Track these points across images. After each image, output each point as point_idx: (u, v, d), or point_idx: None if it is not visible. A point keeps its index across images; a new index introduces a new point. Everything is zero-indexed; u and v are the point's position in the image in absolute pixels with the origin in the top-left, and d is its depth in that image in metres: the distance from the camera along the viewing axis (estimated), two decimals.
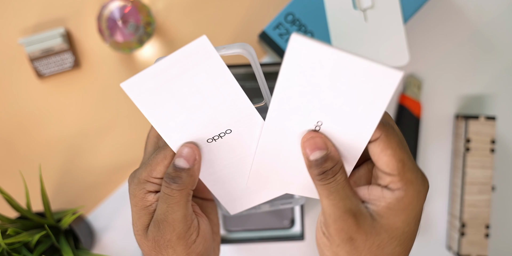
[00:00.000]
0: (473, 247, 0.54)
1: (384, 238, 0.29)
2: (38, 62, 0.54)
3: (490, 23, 0.57)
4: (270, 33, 0.48)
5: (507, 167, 0.57)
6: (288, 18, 0.47)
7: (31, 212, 0.47)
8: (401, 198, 0.29)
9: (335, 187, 0.29)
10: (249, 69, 0.50)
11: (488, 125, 0.54)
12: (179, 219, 0.31)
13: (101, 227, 0.56)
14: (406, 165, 0.29)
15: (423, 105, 0.57)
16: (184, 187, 0.30)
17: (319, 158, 0.29)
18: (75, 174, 0.56)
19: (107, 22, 0.50)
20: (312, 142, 0.29)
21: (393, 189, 0.29)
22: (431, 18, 0.56)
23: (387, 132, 0.29)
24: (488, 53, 0.57)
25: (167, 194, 0.30)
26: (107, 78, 0.56)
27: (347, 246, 0.29)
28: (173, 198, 0.30)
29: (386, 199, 0.29)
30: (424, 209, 0.57)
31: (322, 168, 0.29)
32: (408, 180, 0.29)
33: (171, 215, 0.31)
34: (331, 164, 0.29)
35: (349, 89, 0.28)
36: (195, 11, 0.55)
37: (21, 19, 0.55)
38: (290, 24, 0.47)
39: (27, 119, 0.55)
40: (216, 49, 0.29)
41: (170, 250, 0.31)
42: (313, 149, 0.29)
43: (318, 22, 0.47)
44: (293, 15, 0.47)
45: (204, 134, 0.31)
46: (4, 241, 0.41)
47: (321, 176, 0.29)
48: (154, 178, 0.32)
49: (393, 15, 0.47)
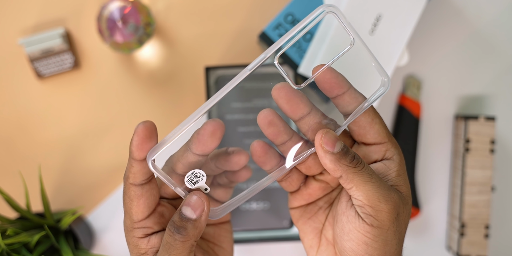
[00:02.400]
0: (472, 247, 0.54)
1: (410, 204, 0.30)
2: (38, 63, 0.54)
3: (490, 23, 0.57)
4: (270, 33, 0.48)
5: (506, 167, 0.57)
6: (288, 19, 0.47)
7: (31, 213, 0.47)
8: (400, 161, 0.30)
9: (369, 169, 0.29)
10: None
11: (488, 126, 0.54)
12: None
13: (101, 228, 0.56)
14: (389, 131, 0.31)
15: (423, 105, 0.57)
16: (188, 239, 0.28)
17: (342, 147, 0.29)
18: (75, 174, 0.56)
19: (107, 23, 0.50)
20: (327, 137, 0.29)
21: (390, 157, 0.30)
22: (431, 19, 0.56)
23: (372, 107, 0.31)
24: (488, 53, 0.57)
25: (170, 243, 0.29)
26: (107, 78, 0.56)
27: (394, 225, 0.29)
28: (175, 248, 0.28)
29: (393, 169, 0.30)
30: (423, 210, 0.57)
31: (351, 153, 0.29)
32: (395, 143, 0.31)
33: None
34: (351, 150, 0.30)
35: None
36: (195, 11, 0.55)
37: (21, 20, 0.55)
38: (290, 25, 0.47)
39: (27, 120, 0.55)
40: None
41: None
42: (333, 142, 0.29)
43: (318, 22, 0.47)
44: (292, 15, 0.47)
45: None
46: (3, 242, 0.41)
47: (354, 162, 0.29)
48: (138, 222, 0.30)
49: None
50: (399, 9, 0.46)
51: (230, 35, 0.55)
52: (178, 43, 0.55)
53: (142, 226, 0.30)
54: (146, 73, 0.56)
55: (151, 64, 0.56)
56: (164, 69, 0.56)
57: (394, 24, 0.46)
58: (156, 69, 0.56)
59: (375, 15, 0.45)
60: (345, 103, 0.30)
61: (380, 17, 0.45)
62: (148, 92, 0.56)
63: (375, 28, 0.46)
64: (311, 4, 0.47)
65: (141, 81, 0.56)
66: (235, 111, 0.50)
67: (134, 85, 0.56)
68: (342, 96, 0.30)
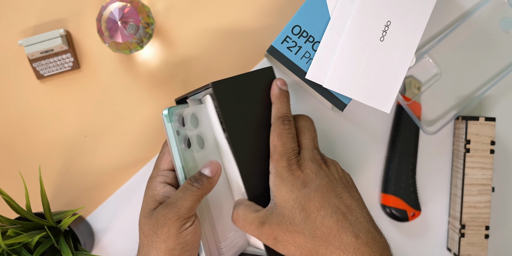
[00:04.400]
0: (473, 248, 0.54)
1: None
2: (37, 63, 0.54)
3: (490, 23, 0.57)
4: (278, 47, 0.47)
5: (506, 168, 0.57)
6: (295, 31, 0.47)
7: (31, 213, 0.47)
8: (275, 173, 0.41)
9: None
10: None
11: (488, 126, 0.54)
12: (186, 206, 0.37)
13: (101, 228, 0.56)
14: (276, 149, 0.41)
15: (423, 106, 0.57)
16: (202, 188, 0.38)
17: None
18: (75, 175, 0.56)
19: (107, 23, 0.50)
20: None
21: (271, 171, 0.42)
22: (431, 19, 0.56)
23: (274, 124, 0.42)
24: (488, 53, 0.57)
25: (187, 187, 0.38)
26: (107, 79, 0.55)
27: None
28: (190, 191, 0.38)
29: (271, 176, 0.41)
30: (424, 210, 0.57)
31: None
32: (275, 160, 0.41)
33: (182, 201, 0.37)
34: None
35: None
36: (195, 11, 0.55)
37: (21, 20, 0.55)
38: (297, 36, 0.47)
39: (26, 120, 0.55)
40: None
41: (166, 228, 0.37)
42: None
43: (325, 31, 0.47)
44: (299, 26, 0.47)
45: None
46: (4, 242, 0.41)
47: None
48: (163, 171, 0.42)
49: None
50: (408, 15, 0.46)
51: (229, 35, 0.55)
52: (178, 43, 0.55)
53: (164, 174, 0.41)
54: (146, 73, 0.56)
55: (151, 64, 0.56)
56: (164, 69, 0.56)
57: (404, 30, 0.46)
58: (156, 69, 0.56)
59: (385, 21, 0.46)
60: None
61: (389, 23, 0.46)
62: (148, 92, 0.56)
63: (385, 34, 0.46)
64: (316, 14, 0.46)
65: (141, 81, 0.56)
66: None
67: (134, 85, 0.56)
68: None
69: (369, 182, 0.57)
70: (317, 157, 0.42)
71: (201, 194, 0.38)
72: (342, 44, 0.46)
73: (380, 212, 0.57)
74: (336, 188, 0.40)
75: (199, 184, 0.38)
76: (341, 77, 0.46)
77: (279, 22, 0.56)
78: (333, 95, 0.47)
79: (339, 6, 0.46)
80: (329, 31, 0.46)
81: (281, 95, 0.44)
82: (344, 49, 0.46)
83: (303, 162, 0.41)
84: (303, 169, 0.40)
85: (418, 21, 0.46)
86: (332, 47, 0.46)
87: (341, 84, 0.46)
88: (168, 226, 0.37)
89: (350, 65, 0.46)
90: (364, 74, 0.46)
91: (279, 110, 0.43)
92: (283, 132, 0.42)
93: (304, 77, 0.47)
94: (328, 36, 0.46)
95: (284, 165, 0.40)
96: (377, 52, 0.46)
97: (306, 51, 0.47)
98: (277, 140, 0.41)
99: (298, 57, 0.47)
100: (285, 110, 0.43)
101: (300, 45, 0.47)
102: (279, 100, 0.44)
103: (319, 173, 0.40)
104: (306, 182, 0.39)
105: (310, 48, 0.47)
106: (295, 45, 0.47)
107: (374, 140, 0.57)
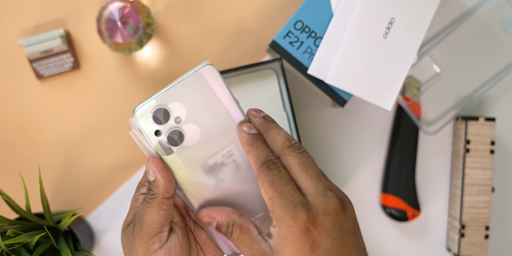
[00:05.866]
0: (472, 248, 0.54)
1: None
2: (37, 63, 0.54)
3: (490, 23, 0.57)
4: (280, 42, 0.47)
5: (506, 168, 0.57)
6: (297, 26, 0.47)
7: (31, 214, 0.47)
8: (278, 233, 0.32)
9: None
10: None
11: (488, 126, 0.54)
12: (148, 222, 0.34)
13: (101, 229, 0.56)
14: (275, 203, 0.32)
15: (423, 106, 0.57)
16: (155, 196, 0.34)
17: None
18: (75, 175, 0.56)
19: (107, 23, 0.50)
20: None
21: (274, 225, 0.32)
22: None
23: (260, 174, 0.33)
24: (488, 53, 0.57)
25: (144, 199, 0.35)
26: (107, 79, 0.55)
27: None
28: (148, 203, 0.34)
29: (273, 235, 0.32)
30: (423, 210, 0.57)
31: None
32: (277, 216, 0.32)
33: (143, 216, 0.34)
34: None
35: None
36: (194, 12, 0.55)
37: (21, 20, 0.55)
38: (300, 31, 0.47)
39: (26, 120, 0.55)
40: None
41: (134, 250, 0.34)
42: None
43: (328, 27, 0.47)
44: (302, 22, 0.47)
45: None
46: (3, 243, 0.41)
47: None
48: (145, 181, 0.37)
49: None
50: (411, 13, 0.46)
51: (229, 35, 0.55)
52: (178, 43, 0.55)
53: (146, 184, 0.38)
54: (146, 73, 0.56)
55: (151, 64, 0.56)
56: (164, 69, 0.56)
57: (407, 28, 0.46)
58: (156, 69, 0.56)
59: (388, 18, 0.46)
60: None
61: (393, 21, 0.45)
62: (148, 92, 0.56)
63: (388, 32, 0.46)
64: (319, 9, 0.46)
65: (141, 81, 0.56)
66: None
67: (134, 85, 0.56)
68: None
69: (369, 182, 0.57)
70: (334, 203, 0.32)
71: (158, 203, 0.34)
72: (345, 40, 0.46)
73: (380, 212, 0.57)
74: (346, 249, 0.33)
75: (149, 194, 0.34)
76: (343, 73, 0.46)
77: (279, 22, 0.56)
78: (334, 91, 0.47)
79: (343, 2, 0.46)
80: (332, 26, 0.46)
81: (254, 141, 0.35)
82: (347, 45, 0.46)
83: (315, 217, 0.32)
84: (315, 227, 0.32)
85: (421, 19, 0.46)
86: (335, 43, 0.46)
87: (343, 80, 0.46)
88: (136, 248, 0.34)
89: (353, 61, 0.46)
90: (366, 71, 0.46)
91: (258, 157, 0.35)
92: (274, 179, 0.33)
93: (306, 72, 0.47)
94: (331, 31, 0.46)
95: (290, 225, 0.31)
96: (380, 49, 0.46)
97: (308, 46, 0.47)
98: (272, 191, 0.32)
99: (300, 52, 0.47)
100: (265, 154, 0.35)
101: (302, 40, 0.47)
102: (253, 147, 0.35)
103: (332, 231, 0.32)
104: (316, 245, 0.32)
105: (312, 44, 0.47)
106: (297, 40, 0.47)
107: (374, 140, 0.57)
